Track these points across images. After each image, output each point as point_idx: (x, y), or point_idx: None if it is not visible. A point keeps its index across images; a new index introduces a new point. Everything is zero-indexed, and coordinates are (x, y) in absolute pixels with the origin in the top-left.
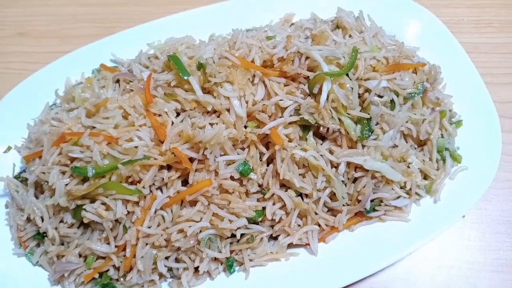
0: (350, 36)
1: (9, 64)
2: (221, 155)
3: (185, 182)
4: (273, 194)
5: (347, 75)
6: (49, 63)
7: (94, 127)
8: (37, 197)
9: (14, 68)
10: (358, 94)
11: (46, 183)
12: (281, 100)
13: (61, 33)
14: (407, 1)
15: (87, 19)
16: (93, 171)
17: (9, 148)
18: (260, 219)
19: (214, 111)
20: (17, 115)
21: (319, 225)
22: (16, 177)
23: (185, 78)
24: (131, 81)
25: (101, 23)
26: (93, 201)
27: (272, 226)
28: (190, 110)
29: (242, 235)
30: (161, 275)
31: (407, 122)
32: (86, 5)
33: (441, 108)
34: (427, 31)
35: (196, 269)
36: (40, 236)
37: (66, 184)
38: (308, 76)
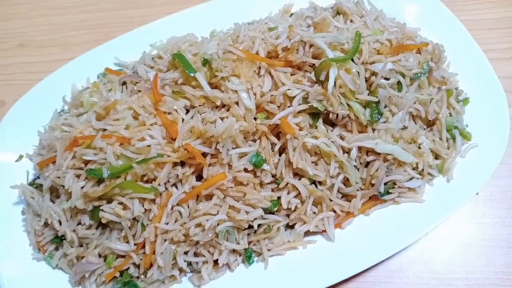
0: (351, 21)
1: (13, 75)
2: (233, 148)
3: (199, 177)
4: (287, 184)
5: (352, 60)
6: (52, 71)
7: (105, 130)
8: (53, 202)
9: (19, 78)
10: (365, 78)
11: (62, 187)
12: (288, 89)
13: (62, 41)
14: None
15: (86, 26)
16: (108, 172)
17: (21, 157)
18: (275, 209)
19: (223, 105)
20: (25, 124)
21: (335, 211)
22: (31, 184)
23: (192, 75)
24: (137, 83)
25: (100, 29)
26: (109, 201)
27: (288, 215)
28: (199, 106)
29: (259, 225)
30: (181, 270)
31: (415, 103)
32: (84, 12)
33: (447, 86)
34: (427, 11)
35: (216, 262)
36: (58, 240)
37: (82, 187)
38: (314, 64)
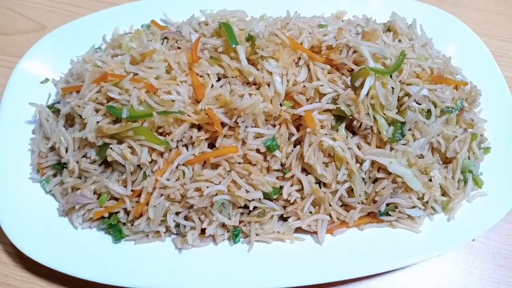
0: (399, 41)
1: (61, 4)
2: (252, 127)
3: (211, 146)
4: (293, 176)
5: (390, 76)
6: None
7: (136, 74)
8: (65, 129)
9: (65, 9)
10: (398, 97)
11: (79, 116)
12: (321, 86)
13: None
14: (458, 23)
15: None
16: (128, 113)
17: (46, 80)
18: (275, 197)
19: (254, 84)
20: (59, 51)
21: (331, 217)
22: (49, 107)
23: (233, 46)
24: (178, 41)
25: None
26: (120, 142)
27: (284, 207)
28: (232, 77)
29: (254, 208)
30: (167, 229)
31: (438, 135)
32: None
33: (473, 130)
34: (473, 56)
35: (203, 230)
36: (60, 167)
37: (98, 122)
38: (352, 70)
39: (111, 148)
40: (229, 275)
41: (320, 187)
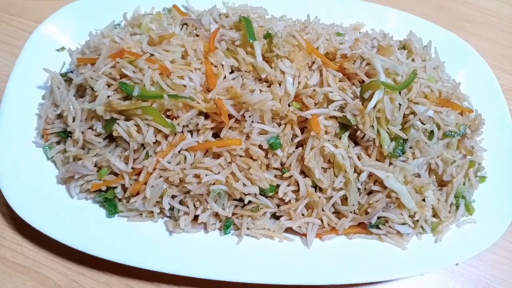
0: (413, 60)
1: None
2: (258, 122)
3: (215, 136)
4: (291, 176)
5: (399, 92)
6: None
7: (152, 55)
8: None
9: None
10: (404, 114)
11: (90, 88)
12: (331, 92)
13: None
14: (473, 51)
15: None
16: (139, 92)
17: (63, 48)
18: (271, 194)
19: (266, 81)
20: (79, 22)
21: (322, 222)
22: (62, 75)
23: (251, 41)
24: (197, 28)
25: None
26: (127, 119)
27: (278, 206)
28: (245, 72)
29: (249, 202)
30: (161, 211)
31: (438, 157)
32: None
33: (472, 157)
34: (483, 86)
35: (196, 217)
36: (64, 135)
37: (109, 96)
38: (363, 81)
39: (118, 124)
40: (215, 263)
41: (316, 191)
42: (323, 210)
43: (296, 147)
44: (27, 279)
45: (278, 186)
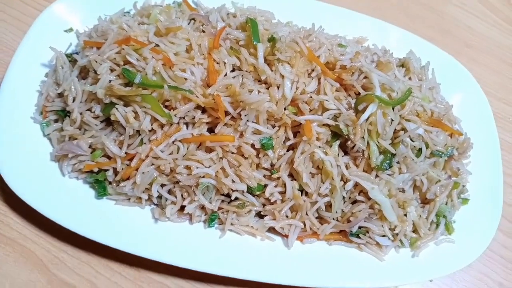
0: (410, 78)
1: None
2: (253, 122)
3: (209, 131)
4: (279, 177)
5: (393, 108)
6: None
7: (157, 45)
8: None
9: None
10: (395, 129)
11: (93, 71)
12: (327, 100)
13: None
14: (469, 76)
15: None
16: (141, 79)
17: (70, 29)
18: (258, 193)
19: (265, 83)
20: (90, 7)
21: (304, 225)
22: (67, 56)
23: (255, 43)
24: (204, 24)
25: None
26: (126, 105)
27: (264, 205)
28: (246, 71)
29: (236, 198)
30: (149, 198)
31: (423, 174)
32: None
33: (457, 179)
34: (475, 111)
35: (182, 208)
36: (63, 114)
37: (110, 81)
38: (359, 93)
39: (116, 108)
40: (196, 254)
41: (301, 195)
42: (306, 214)
43: (287, 150)
44: (10, 250)
45: (265, 186)
